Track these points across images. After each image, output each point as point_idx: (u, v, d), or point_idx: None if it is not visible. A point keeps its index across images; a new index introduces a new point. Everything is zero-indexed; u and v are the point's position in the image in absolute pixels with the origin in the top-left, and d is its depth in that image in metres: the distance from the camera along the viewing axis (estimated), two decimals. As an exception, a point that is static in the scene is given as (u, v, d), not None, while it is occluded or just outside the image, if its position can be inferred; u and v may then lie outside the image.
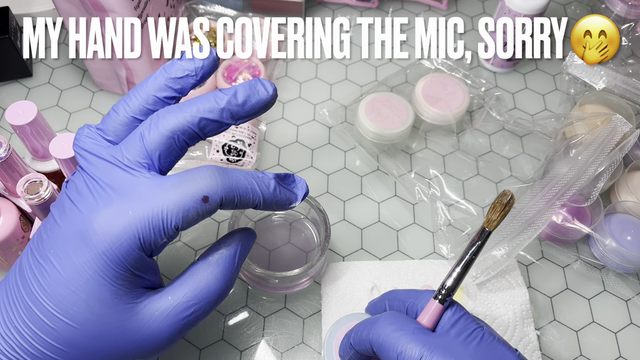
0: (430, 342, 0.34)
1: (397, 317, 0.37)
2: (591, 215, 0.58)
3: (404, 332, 0.35)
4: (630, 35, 0.72)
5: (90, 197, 0.33)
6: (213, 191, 0.33)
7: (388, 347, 0.35)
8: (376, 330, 0.36)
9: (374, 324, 0.36)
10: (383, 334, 0.35)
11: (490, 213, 0.38)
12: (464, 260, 0.37)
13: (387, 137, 0.61)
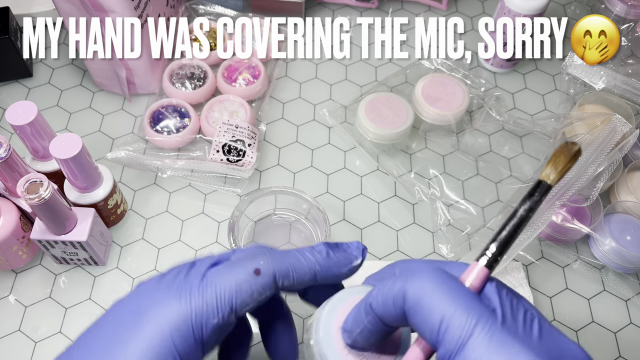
0: (486, 317, 0.25)
1: (436, 273, 0.27)
2: (591, 215, 0.58)
3: (454, 291, 0.26)
4: (630, 36, 0.72)
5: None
6: (264, 262, 0.30)
7: (430, 308, 0.25)
8: (416, 282, 0.26)
9: (411, 275, 0.27)
10: (424, 288, 0.26)
11: (551, 164, 0.29)
12: (516, 216, 0.28)
13: (387, 137, 0.61)
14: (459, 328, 0.25)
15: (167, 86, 0.65)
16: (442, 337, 0.25)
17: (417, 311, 0.26)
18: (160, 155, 0.61)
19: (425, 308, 0.26)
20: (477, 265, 0.28)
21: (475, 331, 0.24)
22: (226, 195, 0.61)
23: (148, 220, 0.59)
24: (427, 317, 0.26)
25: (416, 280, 0.26)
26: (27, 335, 0.52)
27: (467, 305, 0.25)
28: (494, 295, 0.27)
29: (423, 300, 0.26)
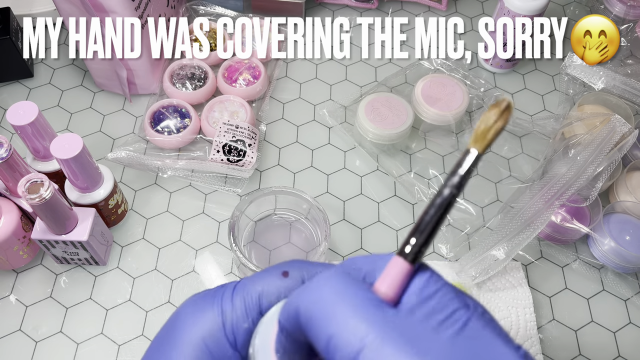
0: (381, 321, 0.21)
1: (339, 280, 0.23)
2: (590, 215, 0.58)
3: (346, 301, 0.22)
4: (629, 36, 0.72)
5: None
6: (292, 267, 0.29)
7: (317, 323, 0.22)
8: (305, 296, 0.23)
9: (304, 289, 0.23)
10: (314, 301, 0.22)
11: (479, 128, 0.24)
12: (442, 195, 0.23)
13: (387, 137, 0.61)
14: (347, 345, 0.21)
15: (168, 86, 0.65)
16: (333, 355, 0.21)
17: (309, 329, 0.22)
18: (160, 156, 0.61)
19: (314, 326, 0.22)
20: (394, 263, 0.23)
21: (366, 343, 0.20)
22: (226, 195, 0.61)
23: (149, 220, 0.59)
24: (317, 336, 0.22)
25: (307, 293, 0.23)
26: (27, 335, 0.52)
27: (359, 316, 0.21)
28: (415, 297, 0.22)
29: (312, 318, 0.22)
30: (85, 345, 0.52)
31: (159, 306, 0.54)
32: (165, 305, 0.54)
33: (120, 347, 0.52)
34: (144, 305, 0.54)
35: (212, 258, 0.45)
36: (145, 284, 0.55)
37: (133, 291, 0.55)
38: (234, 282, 0.30)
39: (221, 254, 0.57)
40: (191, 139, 0.62)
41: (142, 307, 0.54)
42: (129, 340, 0.52)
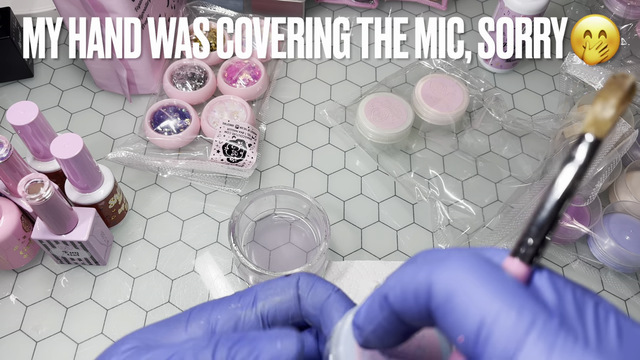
0: (543, 313, 0.18)
1: (479, 258, 0.20)
2: (590, 215, 0.58)
3: (497, 283, 0.19)
4: (629, 36, 0.72)
5: None
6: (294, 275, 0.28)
7: (464, 306, 0.19)
8: (445, 271, 0.19)
9: (441, 262, 0.20)
10: (456, 279, 0.19)
11: (599, 106, 0.19)
12: (555, 191, 0.20)
13: (387, 138, 0.61)
14: (506, 334, 0.17)
15: (168, 86, 0.65)
16: (483, 348, 0.18)
17: (447, 311, 0.19)
18: (160, 156, 0.61)
19: (458, 307, 0.19)
20: (509, 264, 0.20)
21: (529, 339, 0.17)
22: (226, 195, 0.61)
23: (149, 220, 0.59)
24: (461, 319, 0.19)
25: (446, 270, 0.19)
26: (28, 334, 0.52)
27: (516, 301, 0.18)
28: (548, 288, 0.19)
29: (455, 297, 0.19)
30: (85, 345, 0.52)
31: (159, 306, 0.54)
32: (165, 305, 0.54)
33: (120, 347, 0.52)
34: (144, 305, 0.54)
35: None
36: (145, 284, 0.55)
37: (133, 291, 0.55)
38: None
39: (221, 254, 0.57)
40: (191, 139, 0.62)
41: (142, 307, 0.54)
42: (129, 340, 0.52)
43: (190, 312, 0.27)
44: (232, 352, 0.22)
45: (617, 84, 0.20)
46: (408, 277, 0.21)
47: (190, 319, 0.26)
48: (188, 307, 0.55)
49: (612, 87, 0.20)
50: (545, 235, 0.20)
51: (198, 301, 0.54)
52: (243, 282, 0.56)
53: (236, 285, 0.55)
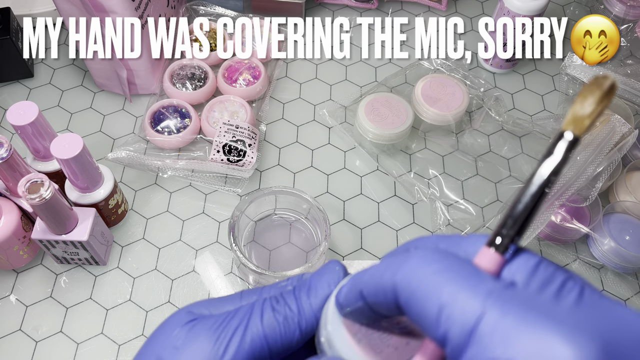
0: (497, 290, 0.19)
1: (440, 255, 0.22)
2: (590, 215, 0.58)
3: (453, 274, 0.20)
4: (629, 36, 0.72)
5: None
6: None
7: (424, 295, 0.20)
8: (407, 270, 0.21)
9: (402, 263, 0.22)
10: (418, 276, 0.21)
11: (575, 107, 0.21)
12: (532, 183, 0.21)
13: (387, 138, 0.61)
14: (463, 313, 0.19)
15: (168, 86, 0.65)
16: (446, 331, 0.19)
17: (411, 304, 0.21)
18: (160, 156, 0.62)
19: (420, 299, 0.20)
20: (484, 254, 0.21)
21: (486, 312, 0.19)
22: (226, 195, 0.61)
23: (149, 220, 0.59)
24: (424, 309, 0.20)
25: (407, 268, 0.21)
26: (28, 334, 0.52)
27: (471, 282, 0.20)
28: (521, 272, 0.21)
29: (417, 291, 0.21)
30: (86, 345, 0.52)
31: (159, 306, 0.54)
32: (166, 305, 0.54)
33: (120, 347, 0.52)
34: (144, 305, 0.54)
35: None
36: (145, 284, 0.55)
37: (133, 291, 0.55)
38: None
39: (221, 254, 0.57)
40: (191, 139, 0.62)
41: (142, 307, 0.54)
42: (129, 340, 0.52)
43: (242, 291, 0.29)
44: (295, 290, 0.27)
45: (597, 84, 0.21)
46: (377, 276, 0.23)
47: (243, 295, 0.29)
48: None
49: (592, 87, 0.21)
50: (520, 227, 0.21)
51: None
52: (243, 282, 0.56)
53: (236, 285, 0.55)
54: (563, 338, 0.17)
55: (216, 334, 0.26)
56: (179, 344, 0.26)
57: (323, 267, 0.28)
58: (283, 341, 0.26)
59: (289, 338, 0.26)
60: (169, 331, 0.27)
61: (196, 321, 0.27)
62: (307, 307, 0.27)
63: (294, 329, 0.26)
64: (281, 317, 0.26)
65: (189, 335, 0.26)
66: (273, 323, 0.26)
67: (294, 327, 0.26)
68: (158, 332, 0.28)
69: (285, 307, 0.26)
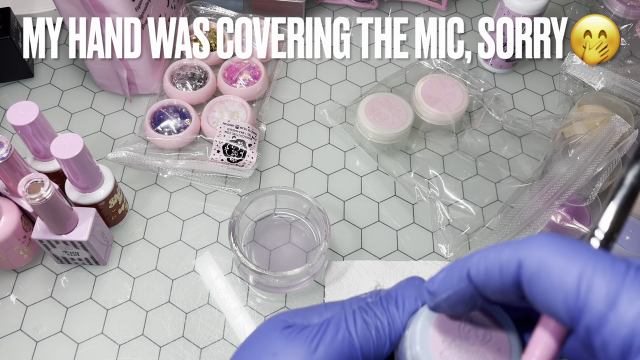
0: (631, 261, 0.20)
1: (562, 237, 0.22)
2: (590, 215, 0.58)
3: (586, 248, 0.21)
4: (629, 36, 0.72)
5: None
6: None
7: (560, 269, 0.20)
8: (533, 247, 0.21)
9: (523, 242, 0.22)
10: (546, 252, 0.21)
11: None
12: (624, 185, 0.22)
13: (387, 138, 0.61)
14: (606, 281, 0.19)
15: (168, 86, 0.65)
16: (585, 301, 0.19)
17: (540, 278, 0.21)
18: (161, 156, 0.62)
19: (553, 271, 0.20)
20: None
21: (627, 281, 0.19)
22: (227, 195, 0.61)
23: (149, 220, 0.59)
24: (558, 281, 0.20)
25: (534, 245, 0.21)
26: (28, 334, 0.52)
27: (607, 257, 0.20)
28: (630, 273, 0.20)
29: (548, 264, 0.20)
30: (86, 345, 0.52)
31: (159, 306, 0.54)
32: (166, 305, 0.54)
33: (120, 347, 0.52)
34: (144, 305, 0.54)
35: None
36: (146, 284, 0.55)
37: (133, 291, 0.55)
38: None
39: (221, 254, 0.57)
40: (191, 139, 0.62)
41: (143, 307, 0.54)
42: (129, 340, 0.52)
43: (325, 303, 0.31)
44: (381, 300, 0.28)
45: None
46: (492, 255, 0.22)
47: (326, 306, 0.30)
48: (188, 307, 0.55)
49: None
50: (618, 224, 0.22)
51: (198, 301, 0.54)
52: (243, 282, 0.56)
53: (236, 285, 0.55)
54: None
55: (314, 343, 0.27)
56: (277, 350, 0.27)
57: (406, 281, 0.29)
58: (375, 352, 0.27)
59: (380, 350, 0.27)
60: (267, 337, 0.28)
61: (292, 329, 0.28)
62: (396, 319, 0.27)
63: (385, 341, 0.27)
64: (373, 329, 0.27)
65: (287, 343, 0.27)
66: (366, 334, 0.27)
67: (384, 339, 0.27)
68: (255, 338, 0.29)
69: (376, 319, 0.27)
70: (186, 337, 0.52)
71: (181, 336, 0.52)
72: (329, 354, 0.26)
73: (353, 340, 0.26)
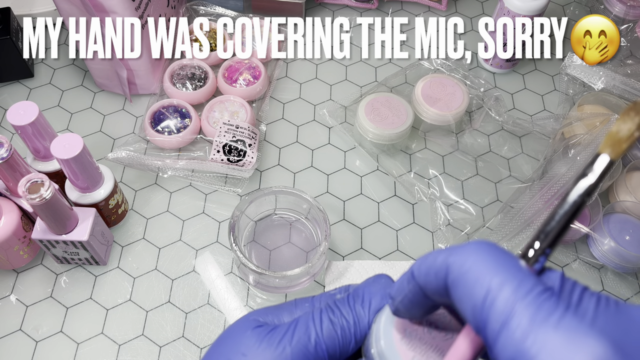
0: (538, 291, 0.21)
1: (493, 247, 0.23)
2: (590, 215, 0.58)
3: (506, 263, 0.22)
4: (629, 36, 0.72)
5: None
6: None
7: (474, 278, 0.22)
8: (461, 253, 0.23)
9: (458, 247, 0.24)
10: (470, 260, 0.22)
11: (613, 131, 0.22)
12: (567, 202, 0.23)
13: (387, 138, 0.61)
14: (506, 300, 0.20)
15: (168, 86, 0.65)
16: (487, 315, 0.21)
17: (460, 284, 0.22)
18: (161, 156, 0.62)
19: (469, 280, 0.22)
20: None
21: (527, 299, 0.20)
22: (227, 195, 0.61)
23: (149, 220, 0.59)
24: (471, 289, 0.21)
25: (462, 252, 0.23)
26: (28, 334, 0.52)
27: (520, 276, 0.21)
28: (554, 280, 0.22)
29: (468, 272, 0.22)
30: (86, 345, 0.52)
31: (159, 306, 0.54)
32: (166, 305, 0.54)
33: (120, 347, 0.52)
34: (144, 305, 0.54)
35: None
36: (146, 284, 0.55)
37: (133, 291, 0.55)
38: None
39: (221, 254, 0.57)
40: (191, 139, 0.62)
41: (143, 307, 0.54)
42: (129, 340, 0.52)
43: (295, 300, 0.32)
44: (348, 297, 0.30)
45: (637, 109, 0.22)
46: (431, 257, 0.24)
47: (297, 303, 0.31)
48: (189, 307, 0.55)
49: (630, 113, 0.22)
50: (552, 242, 0.23)
51: (198, 301, 0.54)
52: (243, 282, 0.56)
53: (236, 285, 0.55)
54: (587, 337, 0.19)
55: (281, 344, 0.28)
56: (246, 350, 0.28)
57: (373, 279, 0.30)
58: (341, 351, 0.28)
59: (345, 348, 0.28)
60: (238, 337, 0.29)
61: (262, 329, 0.29)
62: (362, 318, 0.28)
63: (350, 339, 0.28)
64: (339, 328, 0.28)
65: (256, 344, 0.28)
66: (332, 334, 0.28)
67: (350, 337, 0.28)
68: (226, 337, 0.30)
69: (342, 319, 0.28)
70: (186, 337, 0.52)
71: (181, 336, 0.52)
72: (296, 355, 0.27)
73: (319, 340, 0.28)
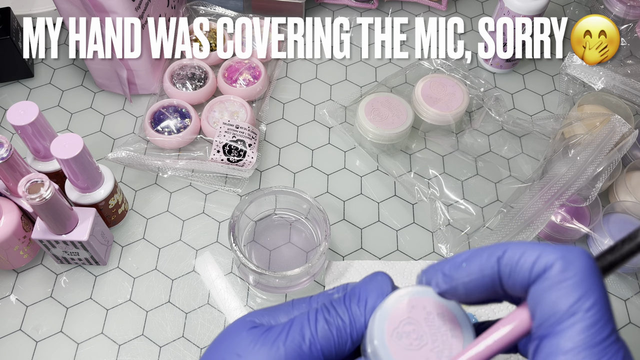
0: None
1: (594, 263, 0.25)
2: (590, 215, 0.58)
3: (600, 284, 0.24)
4: (629, 36, 0.72)
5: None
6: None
7: (523, 250, 0.24)
8: (570, 254, 0.24)
9: (570, 248, 0.25)
10: (574, 269, 0.24)
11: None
12: (636, 240, 0.24)
13: (387, 138, 0.61)
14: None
15: (168, 86, 0.65)
16: (560, 330, 0.22)
17: (515, 264, 0.24)
18: (161, 156, 0.62)
19: (516, 251, 0.24)
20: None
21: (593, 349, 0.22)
22: (227, 195, 0.61)
23: (149, 220, 0.59)
24: (524, 263, 0.24)
25: (571, 253, 0.24)
26: (28, 334, 0.52)
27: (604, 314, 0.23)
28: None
29: (517, 248, 0.24)
30: (86, 345, 0.52)
31: (159, 306, 0.54)
32: (166, 305, 0.54)
33: (120, 347, 0.52)
34: (144, 305, 0.54)
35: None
36: (146, 284, 0.55)
37: (133, 291, 0.55)
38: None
39: (221, 254, 0.57)
40: (191, 139, 0.62)
41: (143, 307, 0.54)
42: (129, 340, 0.52)
43: (292, 300, 0.31)
44: (345, 298, 0.29)
45: None
46: (520, 250, 0.24)
47: (294, 304, 0.31)
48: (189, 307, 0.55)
49: None
50: (622, 260, 0.25)
51: (198, 301, 0.54)
52: (243, 282, 0.56)
53: (236, 285, 0.55)
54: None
55: (276, 345, 0.27)
56: (241, 351, 0.28)
57: (370, 277, 0.29)
58: (337, 351, 0.28)
59: (342, 348, 0.28)
60: (234, 338, 0.29)
61: (258, 330, 0.29)
62: (358, 317, 0.28)
63: (346, 339, 0.28)
64: (334, 328, 0.28)
65: (251, 345, 0.28)
66: (327, 334, 0.27)
67: (346, 338, 0.28)
68: (222, 337, 0.30)
69: (337, 319, 0.28)
70: (186, 337, 0.52)
71: (181, 336, 0.52)
72: (290, 355, 0.27)
73: (314, 340, 0.27)
